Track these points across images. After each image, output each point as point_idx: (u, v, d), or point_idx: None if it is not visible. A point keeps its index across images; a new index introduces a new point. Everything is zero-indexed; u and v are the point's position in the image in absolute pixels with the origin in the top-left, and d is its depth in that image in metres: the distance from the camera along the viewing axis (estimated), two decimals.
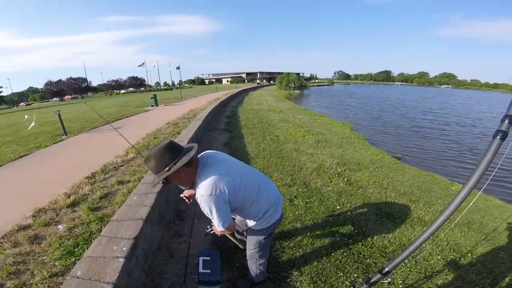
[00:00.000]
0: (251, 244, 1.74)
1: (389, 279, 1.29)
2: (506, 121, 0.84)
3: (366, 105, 27.58)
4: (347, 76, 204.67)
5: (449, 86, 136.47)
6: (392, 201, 3.46)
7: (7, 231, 2.44)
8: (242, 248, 1.97)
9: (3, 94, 43.72)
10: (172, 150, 1.35)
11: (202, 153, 1.54)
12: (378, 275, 1.26)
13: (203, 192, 1.34)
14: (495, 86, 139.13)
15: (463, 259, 2.37)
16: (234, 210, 1.52)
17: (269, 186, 1.64)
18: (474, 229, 2.98)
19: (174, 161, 1.32)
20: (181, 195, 1.82)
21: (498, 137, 0.86)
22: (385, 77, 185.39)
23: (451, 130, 14.33)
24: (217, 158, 1.51)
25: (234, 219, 1.64)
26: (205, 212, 1.40)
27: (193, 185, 1.44)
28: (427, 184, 4.38)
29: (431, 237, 1.06)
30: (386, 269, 1.21)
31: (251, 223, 1.66)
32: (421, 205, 3.38)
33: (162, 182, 1.37)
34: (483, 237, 2.81)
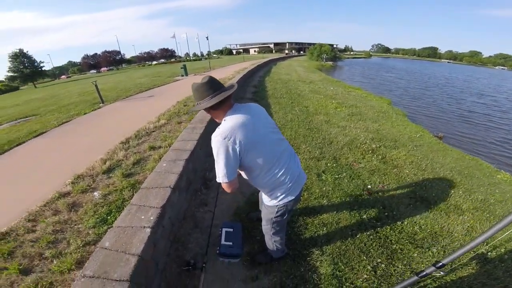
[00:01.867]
0: (264, 220, 1.70)
1: (441, 273, 1.17)
2: None
3: (406, 81, 25.00)
4: (386, 50, 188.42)
5: (505, 67, 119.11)
6: (429, 184, 3.17)
7: (49, 198, 2.55)
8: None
9: (46, 68, 47.77)
10: (203, 91, 1.37)
11: (247, 103, 1.50)
12: (432, 268, 1.16)
13: (218, 134, 1.31)
14: None
15: (494, 253, 2.14)
16: (243, 169, 1.46)
17: (289, 163, 1.50)
18: None
19: (203, 100, 1.38)
20: None
21: None
22: (431, 53, 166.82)
23: (503, 116, 12.21)
24: (251, 110, 1.43)
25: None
26: (214, 156, 1.34)
27: None
28: (470, 169, 3.96)
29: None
30: (442, 262, 1.11)
31: (264, 197, 1.60)
32: (460, 192, 3.06)
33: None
34: None
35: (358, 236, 2.24)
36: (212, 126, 3.92)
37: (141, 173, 2.90)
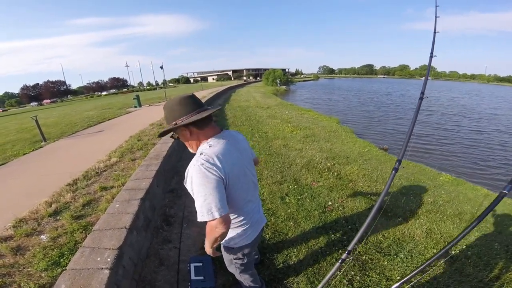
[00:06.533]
0: (226, 261, 1.58)
1: (350, 258, 1.54)
2: (397, 164, 1.49)
3: (351, 100, 27.41)
4: (331, 71, 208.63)
5: (429, 78, 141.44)
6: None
7: None
8: None
9: None
10: (187, 104, 1.16)
11: (234, 131, 1.37)
12: (345, 254, 1.47)
13: (203, 160, 1.08)
14: (472, 77, 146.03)
15: (458, 251, 2.36)
16: None
17: (253, 209, 1.40)
18: (465, 220, 2.98)
19: (182, 118, 1.14)
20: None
21: (394, 171, 1.47)
22: (368, 70, 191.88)
23: (438, 123, 13.96)
24: (239, 141, 1.31)
25: None
26: (191, 188, 1.11)
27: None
28: (416, 175, 4.43)
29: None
30: (348, 249, 1.47)
31: None
32: (411, 198, 3.39)
33: (172, 136, 1.25)
34: (476, 228, 2.82)
35: (327, 252, 2.29)
36: (168, 162, 3.79)
37: (93, 214, 2.67)
